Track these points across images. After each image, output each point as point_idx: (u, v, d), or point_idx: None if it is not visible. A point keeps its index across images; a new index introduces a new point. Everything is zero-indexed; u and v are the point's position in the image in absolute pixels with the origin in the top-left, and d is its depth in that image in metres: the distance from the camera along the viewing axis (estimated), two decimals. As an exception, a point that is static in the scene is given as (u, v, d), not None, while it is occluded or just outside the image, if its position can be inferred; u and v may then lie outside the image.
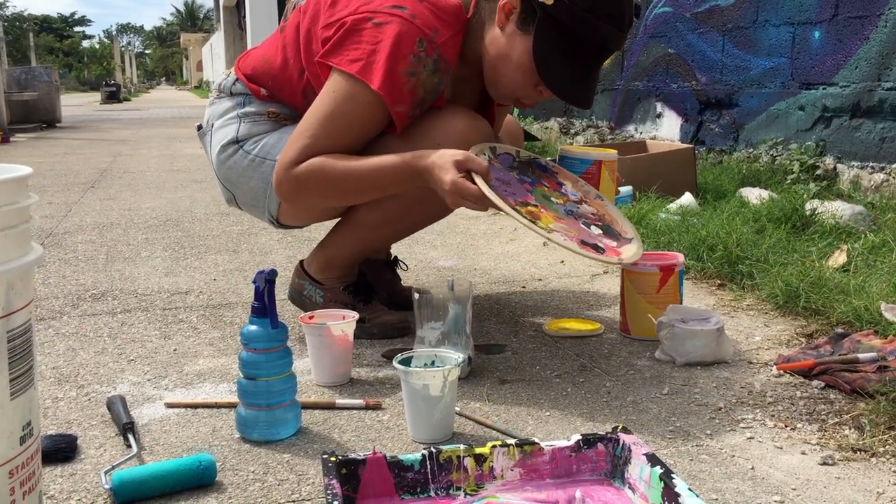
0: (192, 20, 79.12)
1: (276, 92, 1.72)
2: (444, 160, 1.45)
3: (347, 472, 1.03)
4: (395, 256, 2.02)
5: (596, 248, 1.42)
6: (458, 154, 1.45)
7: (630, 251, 1.47)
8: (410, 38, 1.50)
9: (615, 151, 1.81)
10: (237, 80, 1.76)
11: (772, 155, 3.41)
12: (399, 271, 2.01)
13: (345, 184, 1.57)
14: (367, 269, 1.83)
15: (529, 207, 1.45)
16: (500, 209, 1.40)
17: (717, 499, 1.08)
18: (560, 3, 1.48)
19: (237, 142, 1.73)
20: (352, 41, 1.52)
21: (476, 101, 1.74)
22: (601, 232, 1.48)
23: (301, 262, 1.85)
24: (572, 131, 5.16)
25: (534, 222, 1.40)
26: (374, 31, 1.51)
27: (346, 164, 1.55)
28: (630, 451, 1.06)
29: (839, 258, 2.13)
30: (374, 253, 1.88)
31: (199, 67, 46.63)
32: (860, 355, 1.49)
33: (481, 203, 1.42)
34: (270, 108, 1.73)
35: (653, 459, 1.02)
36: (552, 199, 1.54)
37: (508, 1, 1.53)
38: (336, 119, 1.55)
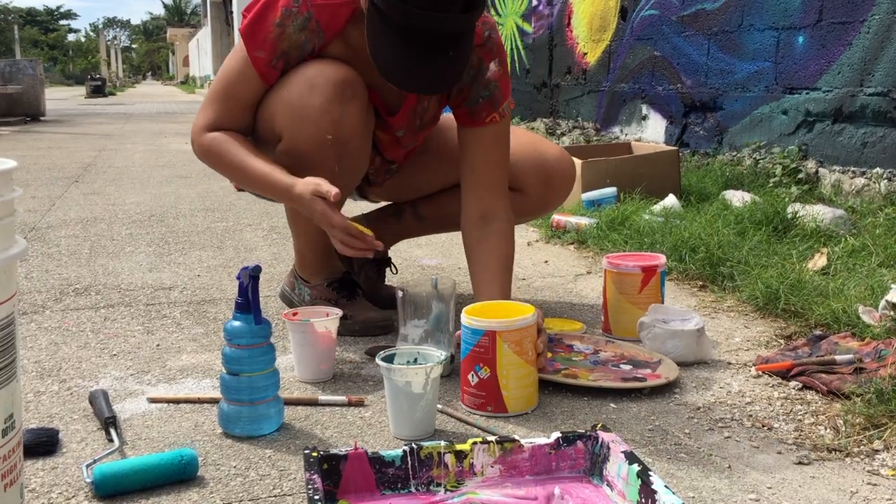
0: (179, 15, 78.62)
1: None
2: (306, 188, 1.49)
3: (329, 467, 1.04)
4: (390, 258, 2.01)
5: (636, 379, 1.50)
6: (309, 183, 1.49)
7: (667, 368, 1.54)
8: None
9: (531, 312, 1.38)
10: None
11: (755, 158, 3.44)
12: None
13: (234, 174, 1.66)
14: (349, 266, 1.84)
15: (563, 372, 1.53)
16: (543, 378, 1.47)
17: (693, 496, 1.10)
18: None
19: None
20: (252, 3, 1.62)
21: (397, 90, 1.66)
22: (632, 367, 1.57)
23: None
24: (558, 132, 5.18)
25: (576, 379, 1.49)
26: None
27: (239, 157, 1.59)
28: (609, 448, 1.08)
29: (819, 261, 2.16)
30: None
31: (186, 63, 46.38)
32: (837, 357, 1.51)
33: (339, 230, 1.47)
34: None
35: (631, 457, 1.04)
36: (573, 359, 1.62)
37: None
38: (230, 74, 1.62)
